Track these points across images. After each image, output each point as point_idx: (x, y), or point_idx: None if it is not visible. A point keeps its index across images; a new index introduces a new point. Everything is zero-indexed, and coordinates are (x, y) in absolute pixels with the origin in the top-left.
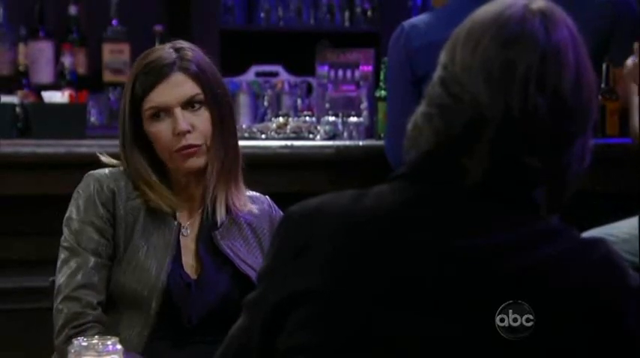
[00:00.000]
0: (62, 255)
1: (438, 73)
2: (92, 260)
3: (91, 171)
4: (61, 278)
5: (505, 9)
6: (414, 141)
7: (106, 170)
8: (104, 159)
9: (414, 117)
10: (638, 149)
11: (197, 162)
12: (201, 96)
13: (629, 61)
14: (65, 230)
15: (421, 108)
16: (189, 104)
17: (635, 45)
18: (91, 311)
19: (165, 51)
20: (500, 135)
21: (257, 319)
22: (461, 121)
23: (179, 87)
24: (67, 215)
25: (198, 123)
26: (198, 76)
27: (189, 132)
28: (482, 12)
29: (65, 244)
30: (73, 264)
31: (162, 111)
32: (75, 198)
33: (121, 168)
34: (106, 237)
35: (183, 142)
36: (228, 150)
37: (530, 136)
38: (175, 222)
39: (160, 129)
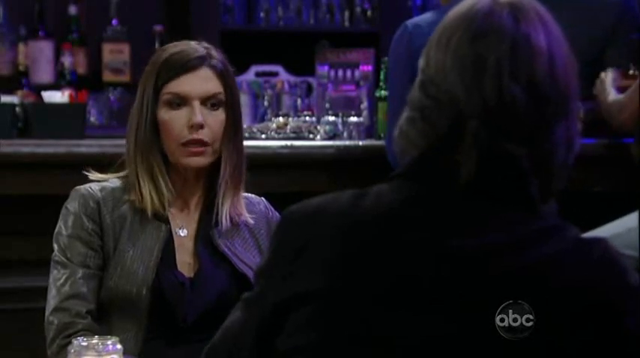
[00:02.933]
0: (53, 271)
1: (417, 77)
2: (80, 271)
3: (77, 187)
4: (51, 292)
5: (473, 5)
6: (402, 147)
7: (92, 184)
8: (92, 176)
9: (399, 122)
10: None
11: (200, 161)
12: (222, 97)
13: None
14: (55, 246)
15: (405, 114)
16: (208, 101)
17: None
18: (80, 320)
19: (193, 46)
20: (481, 129)
21: (255, 318)
22: (443, 121)
23: (204, 81)
24: (56, 230)
25: (212, 122)
26: (224, 76)
27: (202, 126)
28: (453, 12)
29: (56, 258)
30: (61, 276)
31: (180, 101)
32: (63, 214)
33: (108, 180)
34: (93, 248)
35: (194, 136)
36: (238, 156)
37: (511, 126)
38: (164, 225)
39: (174, 118)
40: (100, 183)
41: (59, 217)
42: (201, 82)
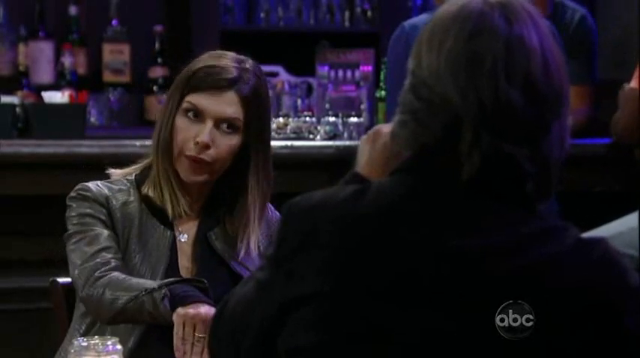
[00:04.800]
0: (71, 240)
1: (407, 79)
2: (105, 232)
3: (81, 183)
4: (73, 263)
5: (464, 6)
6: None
7: (98, 181)
8: (112, 172)
9: (391, 126)
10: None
11: (196, 178)
12: (240, 123)
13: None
14: (69, 226)
15: (396, 117)
16: (223, 123)
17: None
18: (113, 259)
19: (230, 64)
20: (479, 131)
21: (261, 311)
22: (437, 124)
23: (225, 105)
24: (66, 215)
25: (221, 144)
26: (249, 102)
27: (207, 147)
28: (442, 12)
29: (71, 230)
30: (85, 240)
31: (196, 114)
32: (70, 207)
33: (112, 182)
34: (108, 227)
35: (195, 153)
36: (268, 186)
37: (510, 128)
38: (169, 232)
39: (184, 127)
40: (104, 182)
41: (66, 211)
42: (222, 105)
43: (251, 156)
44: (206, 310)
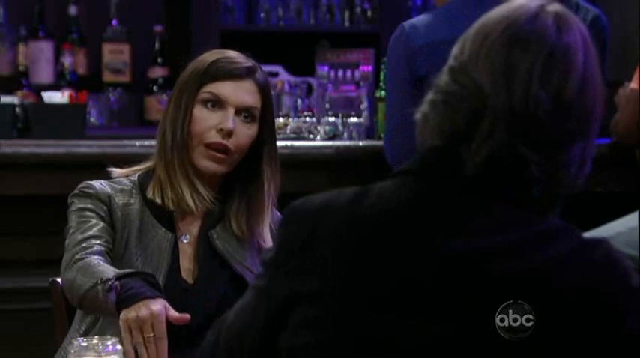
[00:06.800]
0: (69, 233)
1: (448, 63)
2: (101, 223)
3: (85, 181)
4: (66, 247)
5: (519, 7)
6: (422, 131)
7: (101, 181)
8: (114, 171)
9: (421, 106)
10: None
11: (217, 168)
12: (257, 112)
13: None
14: (69, 221)
15: (428, 97)
16: (243, 112)
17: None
18: (96, 243)
19: (241, 56)
20: (499, 125)
21: (262, 307)
22: (464, 109)
23: (246, 93)
24: (69, 210)
25: (241, 134)
26: (264, 92)
27: (231, 134)
28: (499, 9)
29: (70, 223)
30: (79, 230)
31: (217, 103)
32: (72, 203)
33: (115, 181)
34: (106, 222)
35: (219, 139)
36: (278, 176)
37: (529, 130)
38: (170, 235)
39: (206, 117)
40: (107, 182)
41: (68, 208)
42: (243, 93)
43: (265, 147)
44: (149, 308)
